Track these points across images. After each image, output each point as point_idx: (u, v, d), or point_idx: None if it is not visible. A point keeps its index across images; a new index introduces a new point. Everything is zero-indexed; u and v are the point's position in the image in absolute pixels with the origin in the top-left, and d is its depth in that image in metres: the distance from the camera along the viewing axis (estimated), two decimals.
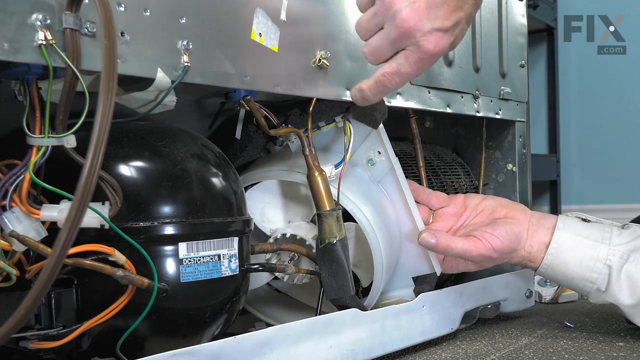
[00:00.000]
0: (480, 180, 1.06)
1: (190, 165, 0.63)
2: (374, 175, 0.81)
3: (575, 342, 0.82)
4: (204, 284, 0.62)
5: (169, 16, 0.59)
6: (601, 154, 2.46)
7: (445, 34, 0.67)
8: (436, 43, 0.66)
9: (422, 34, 0.66)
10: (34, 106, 0.52)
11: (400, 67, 0.68)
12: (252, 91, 0.69)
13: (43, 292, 0.43)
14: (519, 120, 1.06)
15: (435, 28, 0.66)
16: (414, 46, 0.66)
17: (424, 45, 0.66)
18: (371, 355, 0.72)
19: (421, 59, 0.67)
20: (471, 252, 0.78)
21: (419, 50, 0.66)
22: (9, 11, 0.47)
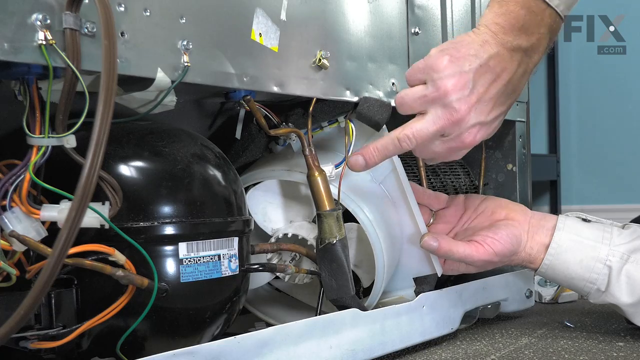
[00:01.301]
0: (480, 180, 1.06)
1: (190, 165, 0.63)
2: (375, 176, 0.81)
3: (575, 342, 0.82)
4: (204, 284, 0.62)
5: (169, 16, 0.59)
6: (601, 154, 2.46)
7: (484, 126, 0.70)
8: (475, 136, 0.70)
9: (467, 126, 0.68)
10: (34, 106, 0.52)
11: (434, 147, 0.71)
12: (252, 91, 0.69)
13: (43, 292, 0.43)
14: (519, 120, 1.06)
15: (479, 122, 0.69)
16: (455, 136, 0.69)
17: (465, 138, 0.69)
18: (371, 355, 0.72)
19: (458, 147, 0.70)
20: (473, 257, 0.78)
21: (458, 139, 0.69)
22: (9, 11, 0.47)
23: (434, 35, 0.90)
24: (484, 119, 0.69)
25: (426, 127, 0.69)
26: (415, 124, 0.69)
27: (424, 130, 0.69)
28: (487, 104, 0.69)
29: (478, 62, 0.67)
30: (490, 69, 0.68)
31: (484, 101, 0.68)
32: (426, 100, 0.69)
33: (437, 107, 0.68)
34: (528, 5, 0.68)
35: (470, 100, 0.68)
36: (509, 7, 0.68)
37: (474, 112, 0.68)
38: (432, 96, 0.68)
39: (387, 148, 0.71)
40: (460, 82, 0.67)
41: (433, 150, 0.71)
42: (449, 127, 0.68)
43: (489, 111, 0.69)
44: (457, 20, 0.94)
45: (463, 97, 0.67)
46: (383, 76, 0.81)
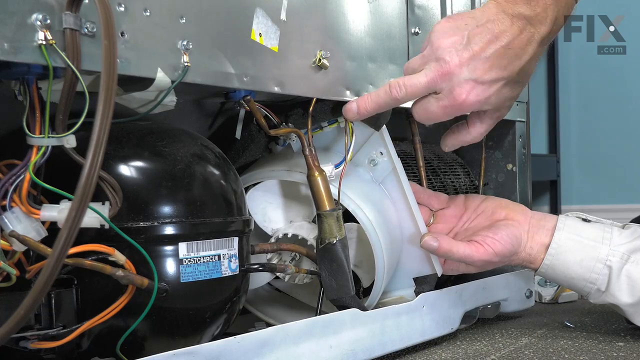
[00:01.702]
0: (480, 180, 1.06)
1: (190, 165, 0.63)
2: (375, 176, 0.81)
3: (575, 342, 0.82)
4: (204, 284, 0.62)
5: (169, 16, 0.59)
6: (601, 154, 2.46)
7: (480, 86, 0.68)
8: (468, 93, 0.68)
9: (458, 81, 0.68)
10: (34, 106, 0.52)
11: (428, 106, 0.70)
12: (252, 91, 0.69)
13: (43, 292, 0.43)
14: (519, 120, 1.06)
15: (472, 78, 0.68)
16: (447, 91, 0.68)
17: (457, 94, 0.68)
18: (371, 355, 0.72)
19: (450, 105, 0.69)
20: (473, 257, 0.78)
21: (450, 95, 0.68)
22: (9, 11, 0.47)
23: None
24: (479, 77, 0.68)
25: (417, 78, 0.69)
26: (409, 75, 0.70)
27: (414, 80, 0.69)
28: (484, 63, 0.68)
29: (475, 22, 0.69)
30: (487, 30, 0.68)
31: (479, 59, 0.68)
32: (423, 58, 0.70)
33: (430, 62, 0.69)
34: None
35: (462, 54, 0.68)
36: None
37: (466, 67, 0.68)
38: (428, 53, 0.69)
39: (379, 96, 0.72)
40: (453, 37, 0.68)
41: (428, 109, 0.70)
42: (439, 79, 0.68)
43: (485, 70, 0.68)
44: None
45: (455, 51, 0.68)
46: (383, 76, 0.81)
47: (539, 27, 0.70)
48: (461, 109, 0.70)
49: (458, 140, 0.78)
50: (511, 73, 0.70)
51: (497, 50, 0.68)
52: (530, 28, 0.69)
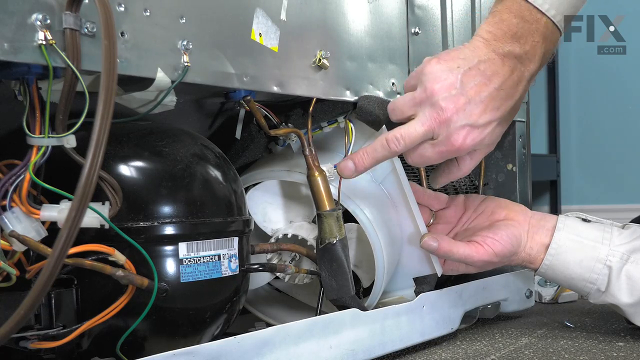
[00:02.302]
0: (480, 180, 1.06)
1: (190, 165, 0.63)
2: (375, 176, 0.81)
3: (575, 342, 0.82)
4: (204, 284, 0.62)
5: (169, 16, 0.59)
6: (601, 154, 2.46)
7: (476, 130, 0.68)
8: (464, 139, 0.68)
9: (455, 127, 0.67)
10: (34, 106, 0.52)
11: (424, 152, 0.70)
12: (252, 91, 0.69)
13: (43, 292, 0.43)
14: (519, 120, 1.06)
15: (468, 123, 0.67)
16: (444, 137, 0.68)
17: (454, 140, 0.68)
18: (371, 355, 0.72)
19: (447, 150, 0.69)
20: (473, 257, 0.78)
21: (447, 142, 0.68)
22: (9, 11, 0.47)
23: (434, 35, 0.90)
24: (474, 121, 0.68)
25: (414, 127, 0.68)
26: (404, 126, 0.69)
27: (411, 131, 0.69)
28: (478, 106, 0.67)
29: (468, 64, 0.68)
30: (480, 72, 0.67)
31: (474, 103, 0.67)
32: (415, 102, 0.69)
33: (425, 108, 0.68)
34: (521, 14, 0.68)
35: (458, 100, 0.67)
36: (502, 16, 0.69)
37: (462, 113, 0.67)
38: (420, 97, 0.68)
39: (376, 150, 0.71)
40: (447, 82, 0.67)
41: (423, 155, 0.70)
42: (436, 127, 0.68)
43: (480, 114, 0.68)
44: (457, 20, 0.94)
45: (450, 96, 0.67)
46: (383, 76, 0.81)
47: (529, 65, 0.69)
48: (457, 153, 0.70)
49: (449, 178, 0.77)
50: (503, 113, 0.69)
51: (490, 93, 0.68)
52: (521, 67, 0.69)
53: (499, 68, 0.68)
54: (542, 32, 0.69)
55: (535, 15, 0.69)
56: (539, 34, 0.69)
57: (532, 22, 0.69)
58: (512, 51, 0.68)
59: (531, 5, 0.68)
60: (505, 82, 0.68)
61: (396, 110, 0.71)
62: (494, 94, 0.68)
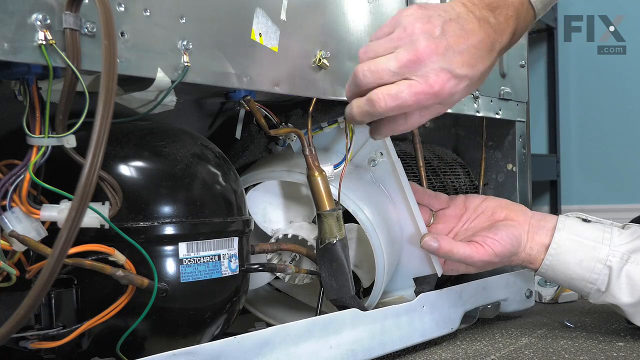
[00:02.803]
0: (480, 180, 1.06)
1: (190, 165, 0.63)
2: (375, 176, 0.81)
3: (575, 342, 0.82)
4: (204, 284, 0.62)
5: (169, 16, 0.59)
6: (601, 154, 2.46)
7: (453, 79, 0.65)
8: (443, 82, 0.65)
9: (433, 67, 0.64)
10: (34, 106, 0.52)
11: (399, 92, 0.65)
12: (252, 91, 0.69)
13: (43, 292, 0.43)
14: (519, 120, 1.06)
15: (446, 68, 0.65)
16: (421, 77, 0.64)
17: (432, 78, 0.64)
18: (371, 355, 0.72)
19: (424, 92, 0.65)
20: (473, 257, 0.78)
21: (425, 82, 0.64)
22: (9, 11, 0.47)
23: None
24: (454, 69, 0.65)
25: (385, 62, 0.65)
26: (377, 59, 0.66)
27: (382, 65, 0.65)
28: (457, 56, 0.65)
29: (448, 15, 0.67)
30: (459, 26, 0.66)
31: (453, 51, 0.65)
32: (392, 42, 0.66)
33: (403, 45, 0.65)
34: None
35: (439, 43, 0.64)
36: None
37: (442, 57, 0.64)
38: (398, 37, 0.65)
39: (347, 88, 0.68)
40: (429, 25, 0.65)
41: (398, 96, 0.65)
42: (413, 64, 0.64)
43: (459, 64, 0.65)
44: None
45: (431, 38, 0.64)
46: None
47: (500, 36, 0.69)
48: (435, 99, 0.65)
49: (392, 129, 0.71)
50: (477, 73, 0.67)
51: (468, 48, 0.66)
52: (494, 35, 0.68)
53: (477, 28, 0.67)
54: (516, 7, 0.70)
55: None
56: (513, 8, 0.70)
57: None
58: (486, 17, 0.68)
59: None
60: (481, 42, 0.67)
61: (369, 51, 0.67)
62: (472, 50, 0.66)
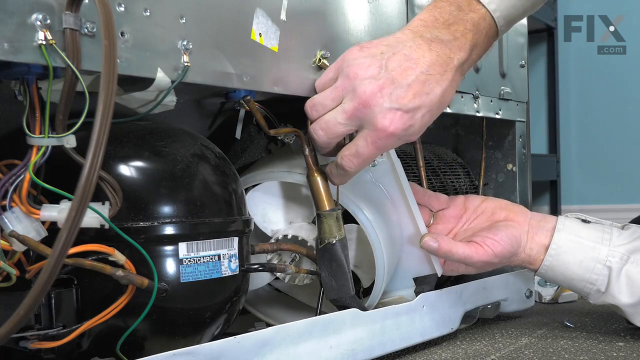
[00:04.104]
0: (480, 181, 1.06)
1: (190, 165, 0.63)
2: (375, 176, 0.81)
3: (575, 342, 0.82)
4: (204, 284, 0.62)
5: (169, 16, 0.59)
6: (601, 154, 2.46)
7: (405, 114, 0.64)
8: (392, 121, 0.64)
9: (380, 110, 0.64)
10: (34, 106, 0.52)
11: (358, 148, 0.66)
12: (252, 91, 0.69)
13: (43, 292, 0.43)
14: (519, 120, 1.06)
15: (394, 107, 0.64)
16: (371, 124, 0.64)
17: (380, 123, 0.64)
18: (371, 355, 0.72)
19: (379, 137, 0.65)
20: (473, 258, 0.78)
21: (375, 128, 0.64)
22: (9, 11, 0.47)
23: None
24: (403, 105, 0.64)
25: (335, 116, 0.65)
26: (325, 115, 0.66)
27: (331, 119, 0.65)
28: (406, 90, 0.64)
29: (392, 50, 0.65)
30: (405, 57, 0.65)
31: (400, 86, 0.64)
32: (337, 92, 0.65)
33: (347, 95, 0.65)
34: (458, 3, 0.68)
35: (383, 83, 0.63)
36: (439, 4, 0.69)
37: (388, 97, 0.63)
38: (342, 86, 0.65)
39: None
40: (371, 67, 0.64)
41: (357, 152, 0.66)
42: (360, 113, 0.64)
43: (409, 98, 0.64)
44: None
45: (374, 80, 0.64)
46: None
47: (457, 52, 0.67)
48: (392, 139, 0.65)
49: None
50: (433, 99, 0.66)
51: (417, 77, 0.65)
52: (449, 52, 0.66)
53: (425, 52, 0.65)
54: (474, 21, 0.68)
55: (474, 6, 0.69)
56: (471, 23, 0.68)
57: (467, 11, 0.68)
58: (439, 36, 0.67)
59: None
60: (432, 67, 0.65)
61: (316, 105, 0.67)
62: (422, 78, 0.65)
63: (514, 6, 0.71)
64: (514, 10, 0.71)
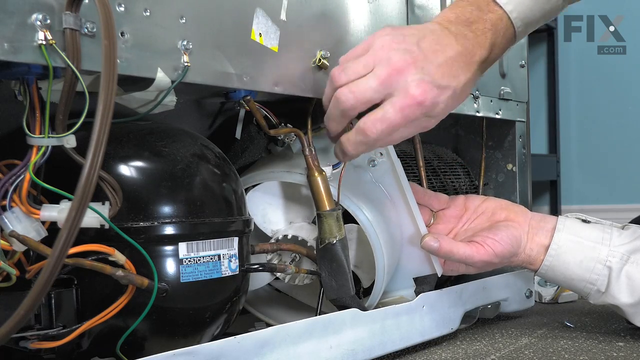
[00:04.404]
0: (480, 181, 1.06)
1: (190, 165, 0.63)
2: (375, 176, 0.81)
3: (575, 342, 0.82)
4: (204, 284, 0.62)
5: (169, 16, 0.59)
6: (601, 154, 2.46)
7: (435, 88, 0.65)
8: (424, 91, 0.64)
9: (413, 79, 0.64)
10: (34, 106, 0.52)
11: (385, 114, 0.65)
12: (252, 91, 0.69)
13: (43, 292, 0.43)
14: (519, 120, 1.06)
15: (426, 79, 0.65)
16: (401, 91, 0.64)
17: (412, 90, 0.64)
18: (371, 355, 0.72)
19: (407, 104, 0.64)
20: (473, 258, 0.78)
21: (406, 95, 0.64)
22: (9, 11, 0.47)
23: None
24: (435, 79, 0.65)
25: (365, 80, 0.65)
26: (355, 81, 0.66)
27: (362, 82, 0.65)
28: (436, 68, 0.65)
29: (422, 33, 0.67)
30: (435, 40, 0.67)
31: (431, 64, 0.65)
32: (369, 59, 0.65)
33: (381, 62, 0.65)
34: (477, 3, 0.71)
35: (416, 57, 0.65)
36: (460, 3, 0.71)
37: (421, 69, 0.64)
38: (375, 54, 0.65)
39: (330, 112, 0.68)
40: (404, 41, 0.65)
41: (385, 118, 0.65)
42: (392, 77, 0.64)
43: (440, 75, 0.65)
44: None
45: (407, 51, 0.65)
46: None
47: (478, 49, 0.69)
48: (420, 109, 0.65)
49: None
50: (459, 84, 0.67)
51: (446, 60, 0.66)
52: (472, 48, 0.68)
53: (453, 42, 0.67)
54: (493, 22, 0.70)
55: (492, 7, 0.71)
56: (490, 23, 0.70)
57: (486, 11, 0.70)
58: (463, 32, 0.69)
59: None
60: (459, 54, 0.67)
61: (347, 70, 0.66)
62: (450, 62, 0.66)
63: (531, 9, 0.72)
64: (531, 14, 0.73)
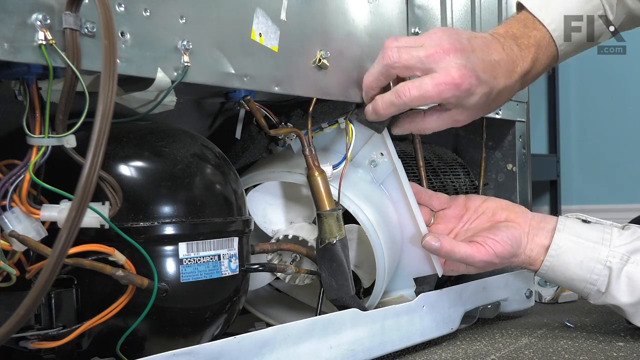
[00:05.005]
0: (480, 181, 1.06)
1: (190, 165, 0.63)
2: (376, 177, 0.81)
3: (575, 342, 0.82)
4: (204, 284, 0.62)
5: (169, 16, 0.58)
6: (601, 154, 2.46)
7: (474, 77, 0.70)
8: (463, 75, 0.69)
9: (457, 62, 0.69)
10: (34, 106, 0.52)
11: (422, 84, 0.70)
12: (252, 91, 0.69)
13: (43, 292, 0.43)
14: (519, 120, 1.06)
15: (469, 67, 0.70)
16: (443, 70, 0.69)
17: (453, 70, 0.69)
18: (371, 355, 0.72)
19: (445, 82, 0.69)
20: (474, 257, 0.78)
21: (446, 74, 0.69)
22: (9, 11, 0.47)
23: None
24: (476, 69, 0.70)
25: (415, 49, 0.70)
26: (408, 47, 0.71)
27: (412, 49, 0.70)
28: (480, 62, 0.71)
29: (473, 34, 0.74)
30: (484, 43, 0.73)
31: (477, 57, 0.71)
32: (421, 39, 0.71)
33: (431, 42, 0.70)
34: (524, 21, 0.79)
35: (464, 46, 0.70)
36: (509, 21, 0.80)
37: (466, 57, 0.70)
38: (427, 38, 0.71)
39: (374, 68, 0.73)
40: (456, 34, 0.71)
41: (420, 86, 0.70)
42: (439, 54, 0.69)
43: (482, 69, 0.71)
44: (457, 20, 0.94)
45: (458, 41, 0.70)
46: None
47: (521, 62, 0.76)
48: (455, 90, 0.70)
49: (410, 127, 0.79)
50: (496, 85, 0.73)
51: (490, 61, 0.72)
52: (516, 60, 0.75)
53: (499, 48, 0.74)
54: (537, 39, 0.78)
55: (537, 25, 0.79)
56: (534, 39, 0.78)
57: (531, 28, 0.78)
58: (509, 45, 0.75)
59: (534, 16, 0.79)
60: (504, 61, 0.73)
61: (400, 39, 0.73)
62: (494, 63, 0.72)
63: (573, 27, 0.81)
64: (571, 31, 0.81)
